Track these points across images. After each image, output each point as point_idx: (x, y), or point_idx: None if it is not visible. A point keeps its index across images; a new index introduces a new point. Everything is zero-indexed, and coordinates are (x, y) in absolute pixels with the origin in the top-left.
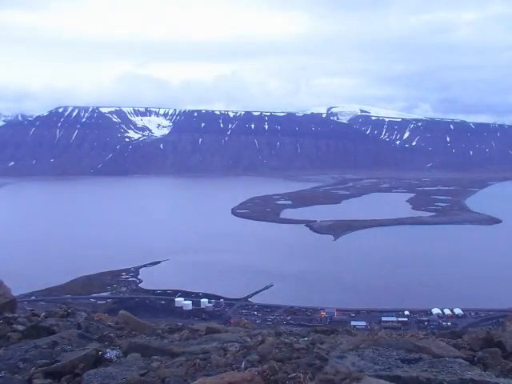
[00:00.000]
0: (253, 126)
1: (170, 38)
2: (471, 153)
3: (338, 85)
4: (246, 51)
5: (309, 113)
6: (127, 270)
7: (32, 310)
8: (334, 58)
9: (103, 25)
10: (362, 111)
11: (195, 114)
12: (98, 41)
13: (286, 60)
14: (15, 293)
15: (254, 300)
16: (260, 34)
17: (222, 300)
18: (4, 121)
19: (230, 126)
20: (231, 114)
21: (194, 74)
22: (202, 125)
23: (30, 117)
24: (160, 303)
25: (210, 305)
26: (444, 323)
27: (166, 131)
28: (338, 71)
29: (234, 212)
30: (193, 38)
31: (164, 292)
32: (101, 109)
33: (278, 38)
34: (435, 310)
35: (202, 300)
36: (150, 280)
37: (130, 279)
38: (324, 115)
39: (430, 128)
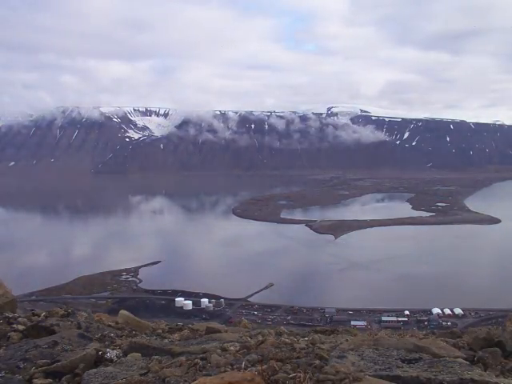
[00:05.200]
0: (253, 126)
1: None
2: (471, 153)
3: None
4: None
5: (309, 113)
6: (127, 270)
7: (32, 310)
8: None
9: None
10: (361, 111)
11: (195, 114)
12: None
13: None
14: (15, 293)
15: (253, 300)
16: None
17: (222, 300)
18: (4, 121)
19: (229, 125)
20: (231, 114)
21: None
22: (202, 124)
23: (31, 117)
24: (160, 303)
25: (210, 305)
26: (444, 323)
27: (166, 131)
28: None
29: (234, 212)
30: None
31: (164, 292)
32: (101, 109)
33: None
34: (435, 310)
35: (202, 300)
36: (150, 280)
37: (130, 279)
38: (324, 115)
39: (430, 128)
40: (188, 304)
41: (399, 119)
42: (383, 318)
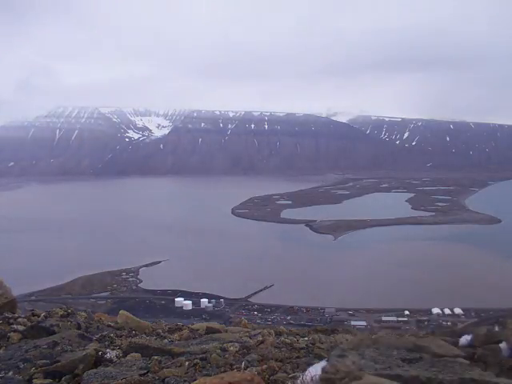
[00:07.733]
0: (253, 126)
1: None
2: (471, 153)
3: None
4: None
5: (309, 113)
6: (127, 270)
7: (32, 310)
8: None
9: None
10: (361, 111)
11: (195, 114)
12: None
13: None
14: (15, 293)
15: (253, 300)
16: None
17: (221, 300)
18: (4, 121)
19: (229, 125)
20: (231, 114)
21: None
22: (202, 125)
23: (30, 117)
24: (160, 303)
25: (210, 305)
26: (444, 323)
27: (165, 131)
28: None
29: (234, 212)
30: None
31: (164, 292)
32: (101, 109)
33: None
34: (435, 310)
35: (202, 300)
36: (150, 280)
37: (130, 279)
38: (324, 115)
39: (430, 128)
40: (188, 304)
41: (399, 119)
42: (383, 318)
